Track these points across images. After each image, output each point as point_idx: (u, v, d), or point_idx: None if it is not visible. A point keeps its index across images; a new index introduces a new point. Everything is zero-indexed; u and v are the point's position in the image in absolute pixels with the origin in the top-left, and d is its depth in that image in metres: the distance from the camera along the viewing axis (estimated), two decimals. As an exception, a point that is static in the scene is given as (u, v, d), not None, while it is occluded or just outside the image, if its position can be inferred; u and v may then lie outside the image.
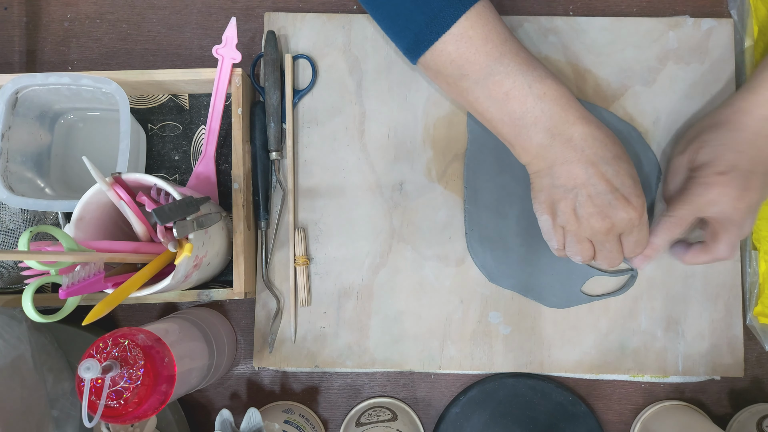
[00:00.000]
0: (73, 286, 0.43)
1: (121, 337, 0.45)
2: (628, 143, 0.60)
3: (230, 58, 0.58)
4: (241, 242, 0.56)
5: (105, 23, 0.65)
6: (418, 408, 0.61)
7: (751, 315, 0.59)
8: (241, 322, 0.62)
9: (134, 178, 0.49)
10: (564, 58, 0.62)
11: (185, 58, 0.64)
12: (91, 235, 0.50)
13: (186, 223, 0.48)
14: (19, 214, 0.61)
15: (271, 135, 0.60)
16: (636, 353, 0.59)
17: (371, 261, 0.61)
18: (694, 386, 0.60)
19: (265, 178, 0.61)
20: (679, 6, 0.64)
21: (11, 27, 0.65)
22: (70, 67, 0.64)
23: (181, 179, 0.62)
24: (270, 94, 0.60)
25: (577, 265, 0.59)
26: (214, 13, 0.65)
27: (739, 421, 0.59)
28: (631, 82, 0.61)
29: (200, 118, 0.62)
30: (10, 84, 0.55)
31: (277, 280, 0.61)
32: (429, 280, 0.60)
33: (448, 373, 0.61)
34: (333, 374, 0.61)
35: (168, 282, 0.48)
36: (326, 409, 0.61)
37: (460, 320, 0.60)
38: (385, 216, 0.61)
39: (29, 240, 0.44)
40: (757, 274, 0.59)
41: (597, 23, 0.62)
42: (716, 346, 0.59)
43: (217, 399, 0.61)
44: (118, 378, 0.44)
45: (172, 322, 0.53)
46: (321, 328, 0.60)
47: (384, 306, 0.60)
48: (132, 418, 0.44)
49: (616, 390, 0.61)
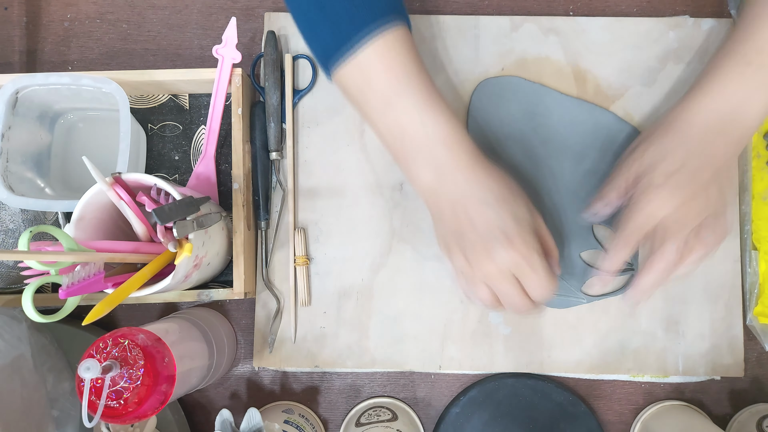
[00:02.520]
0: (73, 286, 0.43)
1: (121, 337, 0.45)
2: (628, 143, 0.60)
3: (230, 58, 0.58)
4: (241, 242, 0.56)
5: (105, 23, 0.65)
6: (418, 408, 0.61)
7: (751, 315, 0.59)
8: (241, 322, 0.62)
9: (134, 178, 0.49)
10: (564, 58, 0.62)
11: (185, 58, 0.64)
12: (91, 235, 0.50)
13: (186, 223, 0.48)
14: (19, 214, 0.61)
15: (271, 135, 0.60)
16: (636, 353, 0.59)
17: (371, 261, 0.60)
18: (694, 386, 0.60)
19: (265, 178, 0.61)
20: (679, 6, 0.64)
21: (11, 27, 0.65)
22: (70, 67, 0.64)
23: (181, 179, 0.62)
24: (270, 94, 0.60)
25: (577, 266, 0.59)
26: (214, 13, 0.65)
27: (739, 421, 0.59)
28: (631, 82, 0.61)
29: (200, 118, 0.62)
30: (10, 84, 0.55)
31: (277, 280, 0.61)
32: (429, 280, 0.60)
33: (448, 373, 0.61)
34: (333, 374, 0.61)
35: (168, 282, 0.48)
36: (326, 409, 0.61)
37: (460, 320, 0.60)
38: (385, 216, 0.61)
39: (29, 240, 0.44)
40: (757, 274, 0.59)
41: (597, 23, 0.62)
42: (716, 346, 0.59)
43: (217, 399, 0.61)
44: (118, 378, 0.44)
45: (172, 322, 0.53)
46: (321, 328, 0.60)
47: (384, 306, 0.60)
48: (132, 418, 0.44)
49: (616, 390, 0.61)
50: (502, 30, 0.62)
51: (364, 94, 0.50)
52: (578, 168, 0.60)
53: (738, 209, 0.60)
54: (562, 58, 0.62)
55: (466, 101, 0.62)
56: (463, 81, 0.62)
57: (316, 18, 0.49)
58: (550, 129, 0.61)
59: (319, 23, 0.49)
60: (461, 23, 0.62)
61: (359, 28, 0.48)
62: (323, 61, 0.50)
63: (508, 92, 0.61)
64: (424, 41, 0.62)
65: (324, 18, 0.49)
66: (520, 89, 0.61)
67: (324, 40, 0.49)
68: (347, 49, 0.48)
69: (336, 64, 0.49)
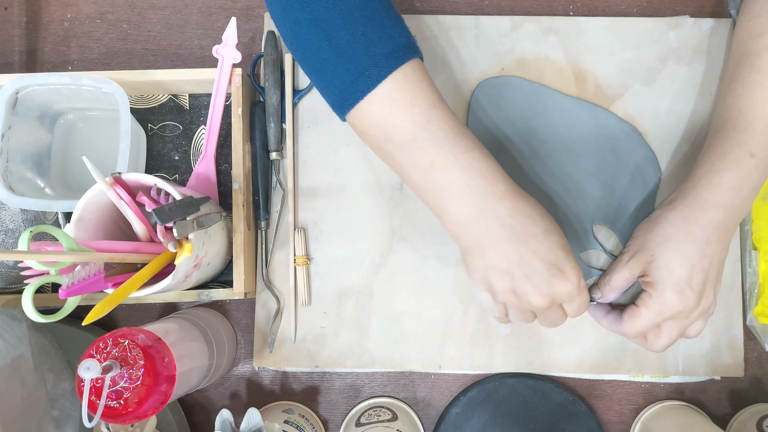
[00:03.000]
0: (73, 286, 0.43)
1: (121, 337, 0.45)
2: (629, 143, 0.60)
3: (230, 58, 0.58)
4: (241, 242, 0.56)
5: (105, 23, 0.65)
6: (418, 408, 0.61)
7: (751, 315, 0.59)
8: (241, 322, 0.62)
9: (134, 178, 0.49)
10: (564, 58, 0.62)
11: (185, 58, 0.64)
12: (91, 235, 0.50)
13: (186, 223, 0.48)
14: (19, 214, 0.61)
15: (271, 135, 0.60)
16: (636, 353, 0.59)
17: (371, 261, 0.61)
18: (694, 386, 0.60)
19: (265, 178, 0.61)
20: (679, 6, 0.64)
21: (11, 27, 0.65)
22: (70, 67, 0.64)
23: (181, 179, 0.62)
24: (270, 94, 0.60)
25: (577, 265, 0.59)
26: (214, 13, 0.65)
27: (739, 421, 0.59)
28: (631, 82, 0.61)
29: (200, 118, 0.62)
30: (10, 84, 0.55)
31: (277, 280, 0.61)
32: (429, 280, 0.60)
33: (448, 373, 0.61)
34: (333, 374, 0.61)
35: (168, 282, 0.48)
36: (326, 409, 0.61)
37: (460, 320, 0.60)
38: (385, 216, 0.61)
39: (29, 240, 0.44)
40: (757, 274, 0.59)
41: (597, 23, 0.62)
42: (716, 346, 0.59)
43: (217, 399, 0.61)
44: (118, 378, 0.44)
45: (172, 322, 0.53)
46: (321, 328, 0.60)
47: (384, 306, 0.60)
48: (132, 418, 0.44)
49: (616, 390, 0.61)
50: (502, 30, 0.62)
51: (385, 131, 0.47)
52: (578, 168, 0.60)
53: (738, 209, 0.60)
54: (562, 58, 0.62)
55: (466, 101, 0.62)
56: (463, 81, 0.62)
57: (328, 56, 0.47)
58: (550, 129, 0.61)
59: (332, 61, 0.47)
60: (461, 23, 0.62)
61: (377, 62, 0.46)
62: (338, 102, 0.48)
63: (508, 92, 0.61)
64: (424, 41, 0.62)
65: (337, 55, 0.46)
66: (520, 89, 0.61)
67: (338, 77, 0.47)
68: (366, 83, 0.46)
69: (354, 102, 0.47)
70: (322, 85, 0.49)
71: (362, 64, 0.46)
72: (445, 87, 0.62)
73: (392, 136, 0.47)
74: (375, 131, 0.48)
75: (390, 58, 0.46)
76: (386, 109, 0.47)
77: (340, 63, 0.46)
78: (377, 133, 0.48)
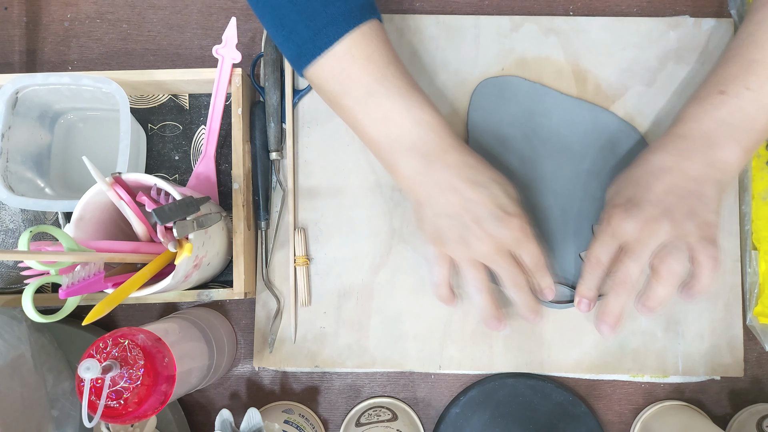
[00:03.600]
0: (73, 286, 0.43)
1: (121, 337, 0.45)
2: (629, 143, 0.60)
3: (230, 58, 0.58)
4: (241, 242, 0.56)
5: (105, 23, 0.65)
6: (418, 408, 0.61)
7: (751, 315, 0.59)
8: (241, 322, 0.62)
9: (134, 178, 0.49)
10: (564, 58, 0.62)
11: (185, 58, 0.64)
12: (91, 235, 0.50)
13: (186, 223, 0.48)
14: (19, 214, 0.61)
15: (271, 135, 0.60)
16: (636, 353, 0.59)
17: (371, 261, 0.61)
18: (694, 386, 0.60)
19: (265, 178, 0.61)
20: (679, 6, 0.64)
21: (11, 27, 0.65)
22: (70, 67, 0.64)
23: (181, 179, 0.62)
24: (270, 94, 0.60)
25: (576, 266, 0.59)
26: (214, 13, 0.65)
27: (739, 421, 0.59)
28: (631, 82, 0.61)
29: (200, 118, 0.62)
30: (10, 84, 0.55)
31: (277, 280, 0.61)
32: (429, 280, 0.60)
33: (448, 373, 0.61)
34: (333, 374, 0.61)
35: (168, 282, 0.48)
36: (326, 409, 0.61)
37: (460, 320, 0.60)
38: (385, 216, 0.61)
39: (29, 240, 0.44)
40: (757, 274, 0.59)
41: (597, 23, 0.62)
42: (716, 346, 0.59)
43: (217, 399, 0.61)
44: (118, 378, 0.44)
45: (172, 322, 0.53)
46: (321, 328, 0.60)
47: (384, 306, 0.60)
48: (132, 418, 0.44)
49: (616, 390, 0.61)
50: (502, 30, 0.62)
51: (342, 85, 0.50)
52: (578, 168, 0.60)
53: (738, 209, 0.60)
54: (562, 58, 0.62)
55: (466, 101, 0.62)
56: (463, 81, 0.62)
57: (288, 12, 0.49)
58: (550, 129, 0.61)
59: (292, 17, 0.49)
60: (461, 23, 0.62)
61: (335, 20, 0.48)
62: (296, 57, 0.50)
63: (508, 92, 0.61)
64: (424, 41, 0.62)
65: (297, 11, 0.48)
66: (520, 89, 0.61)
67: (298, 33, 0.49)
68: (324, 40, 0.48)
69: (312, 57, 0.49)
70: (280, 40, 0.51)
71: (321, 21, 0.48)
72: (445, 87, 0.62)
73: (348, 90, 0.50)
74: (332, 86, 0.50)
75: (348, 17, 0.48)
76: (344, 65, 0.49)
77: (300, 20, 0.48)
78: (334, 88, 0.50)
